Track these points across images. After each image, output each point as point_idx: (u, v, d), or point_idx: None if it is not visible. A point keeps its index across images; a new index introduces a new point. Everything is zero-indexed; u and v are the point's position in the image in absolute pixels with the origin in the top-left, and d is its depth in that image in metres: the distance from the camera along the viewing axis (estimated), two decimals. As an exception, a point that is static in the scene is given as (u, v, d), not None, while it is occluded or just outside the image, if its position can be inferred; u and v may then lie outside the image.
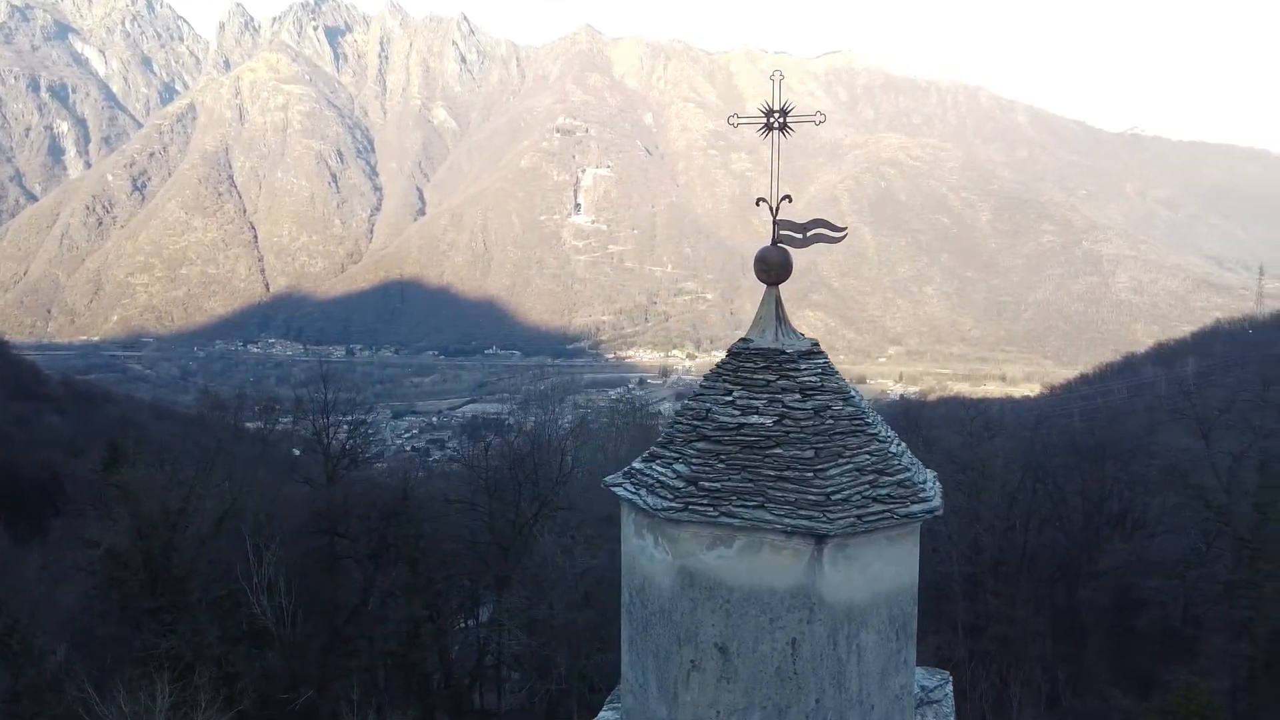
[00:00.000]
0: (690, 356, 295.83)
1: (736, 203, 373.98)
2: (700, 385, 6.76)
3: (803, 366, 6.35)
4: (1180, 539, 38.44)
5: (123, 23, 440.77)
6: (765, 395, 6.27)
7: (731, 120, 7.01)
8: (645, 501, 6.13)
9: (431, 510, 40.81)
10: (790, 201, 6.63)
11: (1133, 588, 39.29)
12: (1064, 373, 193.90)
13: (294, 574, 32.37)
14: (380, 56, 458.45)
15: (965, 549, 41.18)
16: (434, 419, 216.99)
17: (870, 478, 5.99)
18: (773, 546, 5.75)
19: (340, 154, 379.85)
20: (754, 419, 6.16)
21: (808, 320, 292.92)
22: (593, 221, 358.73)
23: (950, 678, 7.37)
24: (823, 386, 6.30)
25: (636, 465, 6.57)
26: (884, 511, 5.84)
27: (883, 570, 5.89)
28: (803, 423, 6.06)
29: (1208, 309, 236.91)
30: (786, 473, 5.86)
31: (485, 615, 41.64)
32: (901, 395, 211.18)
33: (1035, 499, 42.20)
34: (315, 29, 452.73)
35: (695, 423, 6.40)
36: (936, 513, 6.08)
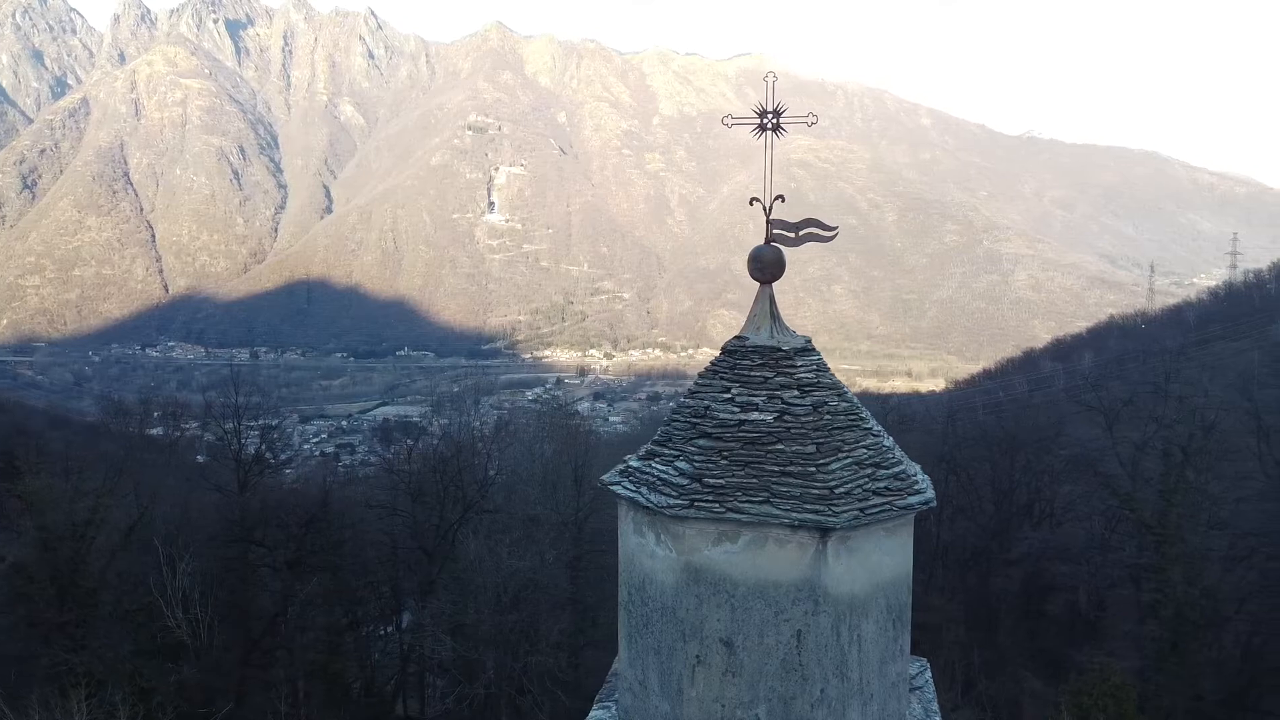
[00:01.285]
0: (608, 356, 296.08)
1: (651, 202, 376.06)
2: (696, 383, 6.75)
3: (799, 363, 6.42)
4: (1088, 526, 40.06)
5: (13, 15, 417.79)
6: (764, 392, 6.33)
7: (726, 121, 7.05)
8: (648, 499, 6.10)
9: (352, 516, 39.85)
10: (783, 201, 6.67)
11: (1043, 574, 40.89)
12: (967, 368, 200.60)
13: (209, 585, 31.25)
14: (284, 51, 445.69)
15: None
16: (344, 423, 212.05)
17: (869, 471, 6.10)
18: (778, 541, 5.80)
19: (243, 150, 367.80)
20: (754, 415, 6.21)
21: (723, 319, 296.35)
22: (507, 220, 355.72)
23: (928, 664, 7.54)
24: (819, 383, 6.39)
25: (634, 463, 6.53)
26: (884, 504, 5.95)
27: (881, 561, 6.01)
28: (802, 418, 6.12)
29: (1102, 305, 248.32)
30: (790, 468, 5.92)
31: (409, 621, 40.90)
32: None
33: (948, 490, 43.51)
34: (215, 22, 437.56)
35: (694, 420, 6.40)
36: (931, 504, 6.24)
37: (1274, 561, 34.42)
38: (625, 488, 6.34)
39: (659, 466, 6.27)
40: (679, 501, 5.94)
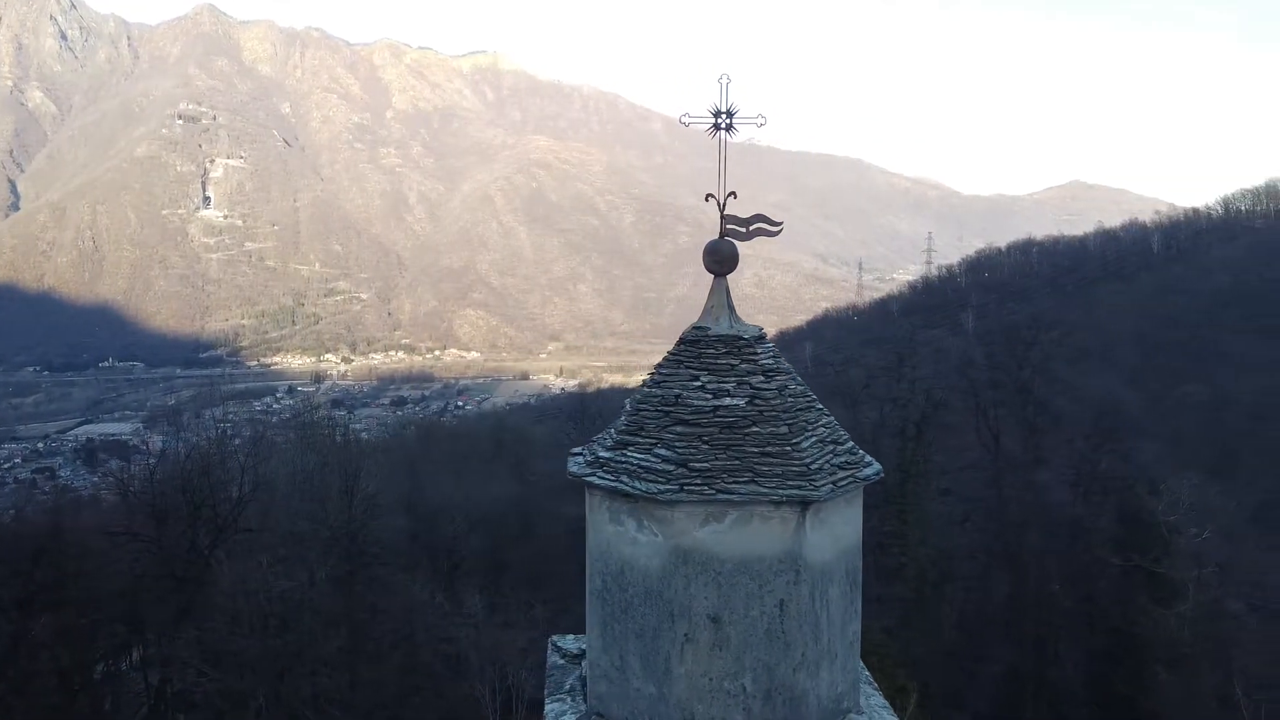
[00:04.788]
0: (346, 360, 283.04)
1: (388, 199, 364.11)
2: (660, 373, 6.93)
3: (759, 350, 6.80)
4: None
5: None
6: (733, 378, 6.64)
7: (683, 120, 7.23)
8: (633, 487, 6.22)
9: (91, 545, 35.80)
10: (735, 198, 6.99)
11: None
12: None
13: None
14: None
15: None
16: (40, 445, 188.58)
17: (831, 448, 6.59)
18: (762, 517, 6.15)
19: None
20: (727, 401, 6.51)
21: (470, 319, 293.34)
22: (225, 216, 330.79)
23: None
24: (779, 368, 6.80)
25: (604, 454, 6.61)
26: (848, 476, 6.46)
27: (843, 529, 6.52)
28: (771, 402, 6.50)
29: (816, 300, 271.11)
30: (768, 448, 6.27)
31: (160, 654, 37.35)
32: (562, 389, 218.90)
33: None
34: None
35: (666, 409, 6.59)
36: (880, 475, 6.83)
37: (989, 521, 39.62)
38: (601, 478, 6.42)
39: (636, 455, 6.41)
40: (669, 487, 6.13)
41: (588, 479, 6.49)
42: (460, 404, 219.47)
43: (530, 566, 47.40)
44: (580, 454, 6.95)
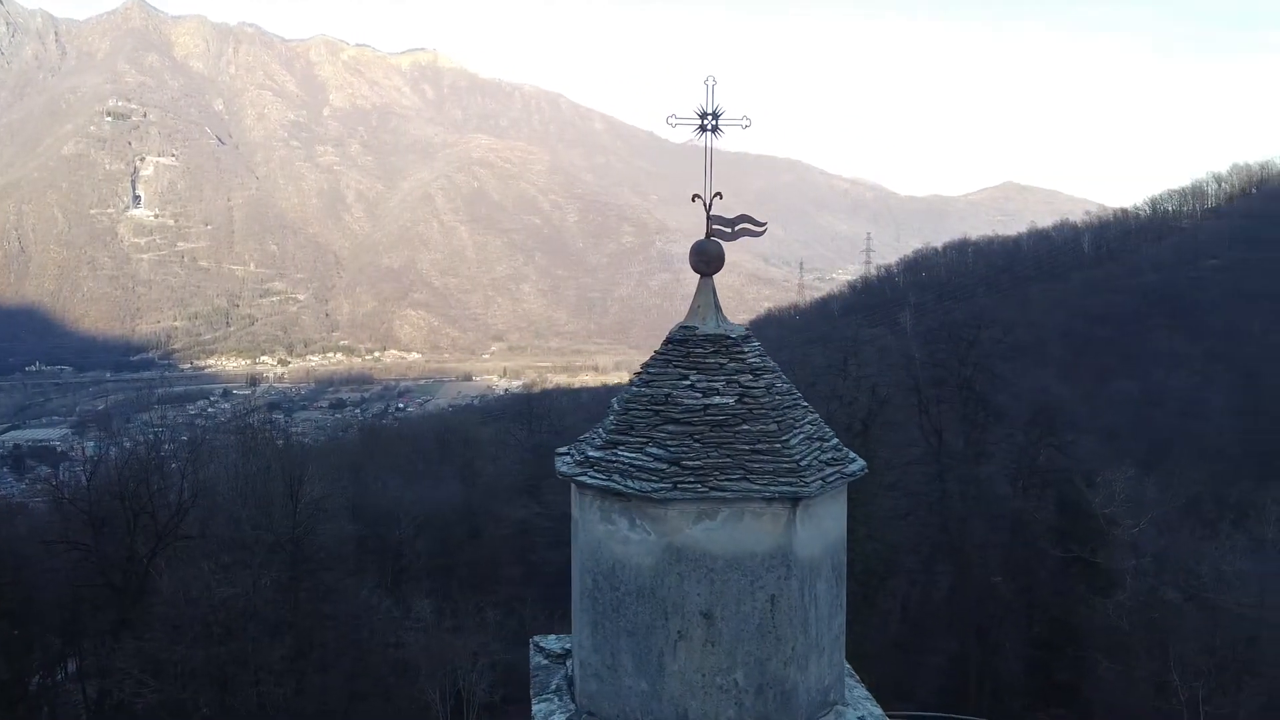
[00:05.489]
0: (282, 362, 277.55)
1: (325, 197, 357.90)
2: (648, 372, 6.97)
3: (747, 349, 6.88)
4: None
5: None
6: (722, 377, 6.72)
7: (670, 121, 7.25)
8: (626, 486, 6.26)
9: (25, 554, 34.71)
10: (721, 199, 7.06)
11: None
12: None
13: None
14: None
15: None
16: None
17: (818, 444, 6.70)
18: (754, 514, 6.23)
19: None
20: (717, 400, 6.58)
21: (410, 320, 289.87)
22: (157, 216, 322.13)
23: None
24: (766, 366, 6.90)
25: (593, 454, 6.62)
26: (835, 472, 6.58)
27: (830, 525, 6.64)
28: (760, 400, 6.58)
29: (759, 299, 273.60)
30: (759, 446, 6.36)
31: (101, 664, 36.41)
32: (506, 390, 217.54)
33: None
34: None
35: (656, 407, 6.63)
36: (865, 471, 6.95)
37: (933, 515, 40.41)
38: (593, 477, 6.44)
39: (627, 454, 6.44)
40: (662, 485, 6.18)
41: (579, 479, 6.52)
42: (401, 406, 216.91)
43: (479, 570, 47.10)
44: (568, 453, 6.97)
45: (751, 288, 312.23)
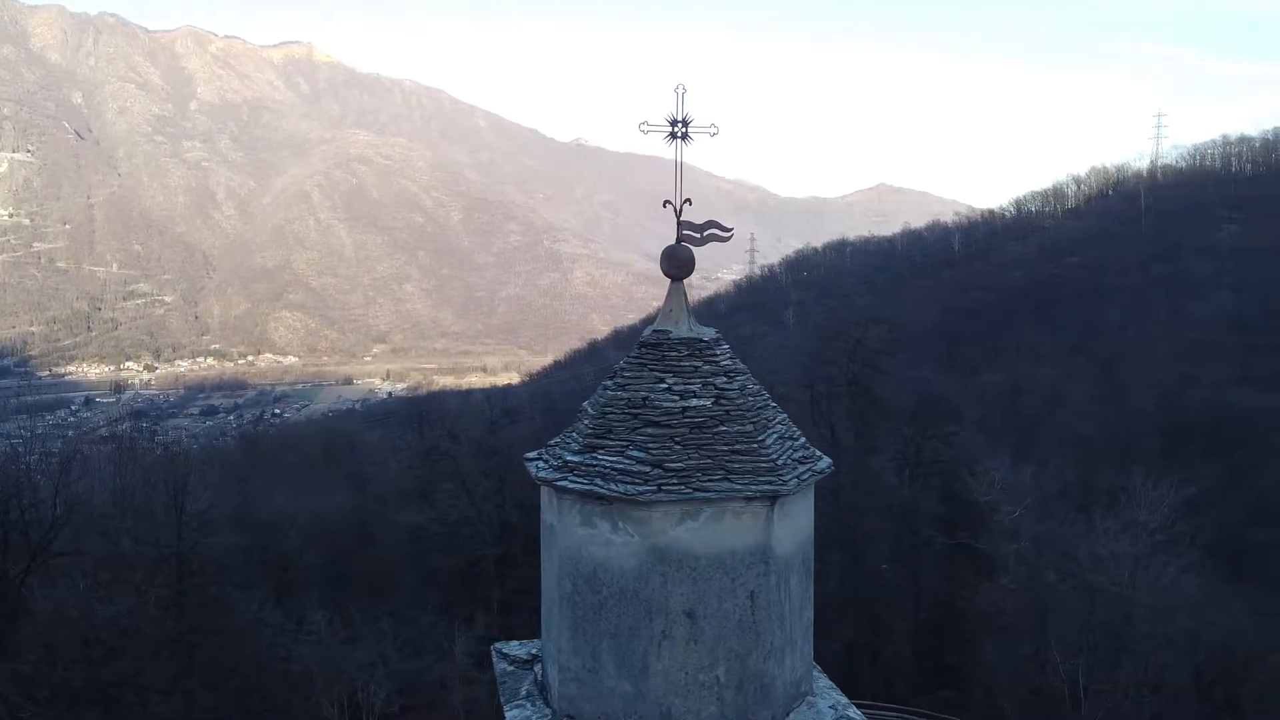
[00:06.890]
0: (149, 368, 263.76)
1: (193, 195, 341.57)
2: (623, 375, 6.99)
3: (719, 352, 7.00)
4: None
5: None
6: (698, 380, 6.82)
7: (642, 128, 7.29)
8: (608, 489, 6.27)
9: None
10: (690, 204, 7.14)
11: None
12: (538, 360, 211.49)
13: None
14: None
15: (495, 531, 43.33)
16: None
17: (790, 444, 6.87)
18: (735, 513, 6.36)
19: None
20: (694, 402, 6.67)
21: (286, 322, 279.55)
22: (11, 215, 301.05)
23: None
24: (737, 369, 7.03)
25: (572, 458, 6.60)
26: (807, 470, 6.77)
27: (801, 521, 6.83)
28: (736, 401, 6.71)
29: (649, 299, 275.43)
30: (737, 446, 6.48)
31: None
32: (389, 393, 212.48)
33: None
34: None
35: (634, 411, 6.67)
36: (832, 468, 7.16)
37: (827, 506, 41.69)
38: (574, 481, 6.43)
39: (608, 458, 6.46)
40: (646, 488, 6.23)
41: (558, 483, 6.52)
42: (278, 411, 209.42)
43: (372, 578, 45.93)
44: (542, 458, 6.95)
45: (640, 287, 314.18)
